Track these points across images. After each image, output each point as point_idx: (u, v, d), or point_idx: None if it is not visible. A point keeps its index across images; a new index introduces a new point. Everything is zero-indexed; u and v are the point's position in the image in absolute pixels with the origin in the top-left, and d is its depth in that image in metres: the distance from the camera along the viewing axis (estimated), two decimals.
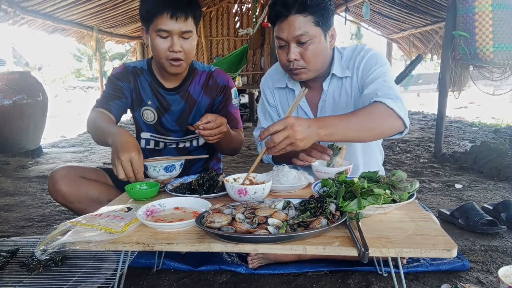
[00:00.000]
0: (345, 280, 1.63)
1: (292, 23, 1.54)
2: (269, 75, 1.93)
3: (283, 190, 1.46)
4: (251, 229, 1.03)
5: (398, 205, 1.18)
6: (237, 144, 1.94)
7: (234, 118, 1.98)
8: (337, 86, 1.75)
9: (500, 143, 4.18)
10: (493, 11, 3.49)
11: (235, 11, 10.41)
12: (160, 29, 1.66)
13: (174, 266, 1.75)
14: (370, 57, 1.68)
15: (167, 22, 1.64)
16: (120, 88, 1.87)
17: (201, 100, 1.93)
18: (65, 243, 1.06)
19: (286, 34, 1.56)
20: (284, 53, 1.62)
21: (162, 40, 1.69)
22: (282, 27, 1.57)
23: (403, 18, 7.65)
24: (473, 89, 4.41)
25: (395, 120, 1.41)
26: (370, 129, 1.38)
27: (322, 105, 1.78)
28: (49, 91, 5.41)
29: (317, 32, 1.56)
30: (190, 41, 1.73)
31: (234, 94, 1.98)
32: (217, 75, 1.95)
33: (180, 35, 1.68)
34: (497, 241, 2.05)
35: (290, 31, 1.55)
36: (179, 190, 1.48)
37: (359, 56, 1.70)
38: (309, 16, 1.54)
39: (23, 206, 2.86)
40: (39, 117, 4.83)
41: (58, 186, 1.73)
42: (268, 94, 1.92)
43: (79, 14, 6.52)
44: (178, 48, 1.69)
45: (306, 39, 1.56)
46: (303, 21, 1.54)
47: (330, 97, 1.76)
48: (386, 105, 1.40)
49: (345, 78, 1.73)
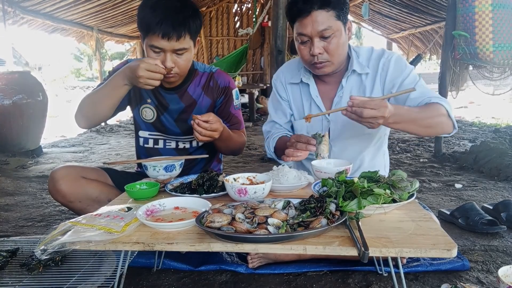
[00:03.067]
0: (345, 280, 1.63)
1: (316, 18, 1.57)
2: (282, 71, 1.96)
3: (283, 190, 1.46)
4: (251, 229, 1.03)
5: (398, 205, 1.18)
6: (238, 145, 1.93)
7: (236, 119, 1.97)
8: (355, 82, 1.78)
9: (500, 143, 4.18)
10: (493, 11, 3.49)
11: (235, 11, 10.43)
12: (153, 45, 1.63)
13: (174, 266, 1.75)
14: (397, 60, 1.74)
15: (159, 40, 1.60)
16: None
17: (202, 101, 1.92)
18: (65, 243, 1.06)
19: (309, 29, 1.59)
20: (307, 48, 1.65)
21: (155, 55, 1.65)
22: (305, 23, 1.59)
23: (403, 17, 7.66)
24: (473, 89, 4.41)
25: (448, 121, 1.58)
26: (428, 125, 1.55)
27: (338, 101, 1.79)
28: (49, 91, 5.41)
29: (338, 25, 1.61)
30: (185, 56, 1.69)
31: (235, 95, 1.97)
32: (218, 76, 1.94)
33: (173, 52, 1.65)
34: (497, 241, 2.05)
35: (314, 26, 1.58)
36: (179, 190, 1.48)
37: (383, 58, 1.75)
38: (331, 10, 1.58)
39: (23, 206, 2.86)
40: (39, 117, 4.83)
41: (58, 186, 1.73)
42: (281, 89, 1.94)
43: (79, 14, 6.53)
44: (171, 65, 1.65)
45: (330, 33, 1.59)
46: (326, 16, 1.57)
47: (348, 93, 1.78)
48: (444, 107, 1.56)
49: (365, 75, 1.76)
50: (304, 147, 1.57)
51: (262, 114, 8.66)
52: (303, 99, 1.87)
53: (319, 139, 1.58)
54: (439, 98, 1.61)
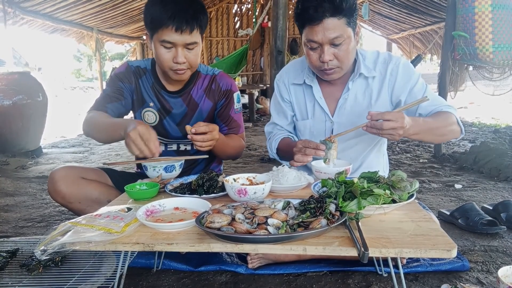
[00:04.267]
0: (345, 280, 1.63)
1: (327, 26, 1.54)
2: (285, 71, 1.94)
3: (283, 190, 1.46)
4: (251, 229, 1.03)
5: (398, 205, 1.18)
6: (235, 150, 1.92)
7: (235, 123, 1.95)
8: (361, 85, 1.78)
9: (500, 143, 4.18)
10: (493, 11, 3.49)
11: (235, 12, 10.43)
12: (165, 40, 1.63)
13: (174, 266, 1.75)
14: (405, 66, 1.75)
15: (171, 35, 1.61)
16: (120, 89, 1.86)
17: (203, 104, 1.91)
18: (65, 244, 1.06)
19: (320, 37, 1.56)
20: (316, 54, 1.62)
21: (166, 50, 1.66)
22: (316, 31, 1.56)
23: (403, 18, 7.66)
24: (473, 90, 4.41)
25: (457, 128, 1.67)
26: (442, 134, 1.64)
27: (342, 103, 1.79)
28: (49, 91, 5.40)
29: (349, 32, 1.58)
30: (195, 51, 1.70)
31: (236, 98, 1.95)
32: (220, 79, 1.93)
33: (184, 46, 1.66)
34: (497, 241, 2.05)
35: (326, 34, 1.55)
36: (179, 191, 1.48)
37: (391, 63, 1.75)
38: (342, 18, 1.54)
39: (23, 207, 2.86)
40: (39, 117, 4.83)
41: (58, 186, 1.73)
42: (283, 90, 1.92)
43: (79, 15, 6.53)
44: (182, 60, 1.67)
45: (341, 41, 1.57)
46: (337, 23, 1.54)
47: (353, 95, 1.78)
48: (454, 115, 1.65)
49: (372, 78, 1.76)
50: (313, 153, 1.56)
51: (262, 114, 8.66)
52: (306, 100, 1.86)
53: (329, 144, 1.57)
54: (448, 106, 1.68)
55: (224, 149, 1.81)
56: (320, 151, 1.55)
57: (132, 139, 1.36)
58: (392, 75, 1.74)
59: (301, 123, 1.90)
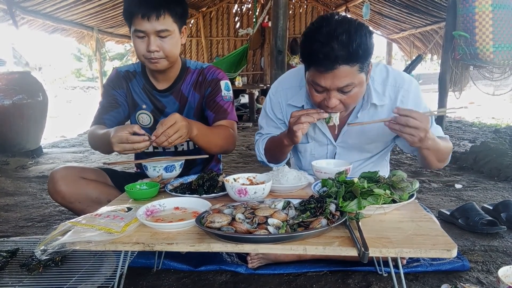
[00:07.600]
0: (345, 280, 1.63)
1: (338, 74, 1.36)
2: (283, 89, 1.76)
3: (283, 190, 1.46)
4: (251, 229, 1.03)
5: (398, 205, 1.18)
6: (223, 140, 1.80)
7: (222, 108, 1.87)
8: (368, 113, 1.63)
9: (500, 143, 4.18)
10: (493, 11, 3.49)
11: (235, 11, 10.41)
12: (136, 30, 1.65)
13: (174, 266, 1.75)
14: (415, 94, 1.63)
15: (141, 23, 1.63)
16: (114, 97, 1.89)
17: (191, 98, 1.91)
18: (65, 243, 1.06)
19: (329, 84, 1.39)
20: (321, 97, 1.46)
21: (140, 40, 1.67)
22: (325, 77, 1.38)
23: (403, 18, 7.65)
24: (473, 89, 4.41)
25: (448, 159, 1.67)
26: (442, 160, 1.60)
27: (346, 130, 1.68)
28: (49, 91, 5.41)
29: (361, 78, 1.41)
30: (169, 39, 1.68)
31: (225, 86, 1.90)
32: (208, 71, 1.92)
33: (156, 35, 1.66)
34: (497, 241, 2.05)
35: (335, 82, 1.38)
36: (179, 190, 1.48)
37: (402, 89, 1.61)
38: (356, 65, 1.36)
39: (23, 206, 2.86)
40: (39, 117, 4.84)
41: (58, 186, 1.73)
42: (277, 109, 1.78)
43: (79, 14, 6.53)
44: (155, 48, 1.66)
45: (351, 88, 1.41)
46: (349, 71, 1.36)
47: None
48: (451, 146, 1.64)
49: (381, 106, 1.62)
50: (316, 111, 1.48)
51: None
52: None
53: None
54: (445, 136, 1.65)
55: (208, 139, 1.72)
56: (323, 113, 1.48)
57: (115, 146, 1.47)
58: (402, 102, 1.60)
59: (301, 146, 1.80)
